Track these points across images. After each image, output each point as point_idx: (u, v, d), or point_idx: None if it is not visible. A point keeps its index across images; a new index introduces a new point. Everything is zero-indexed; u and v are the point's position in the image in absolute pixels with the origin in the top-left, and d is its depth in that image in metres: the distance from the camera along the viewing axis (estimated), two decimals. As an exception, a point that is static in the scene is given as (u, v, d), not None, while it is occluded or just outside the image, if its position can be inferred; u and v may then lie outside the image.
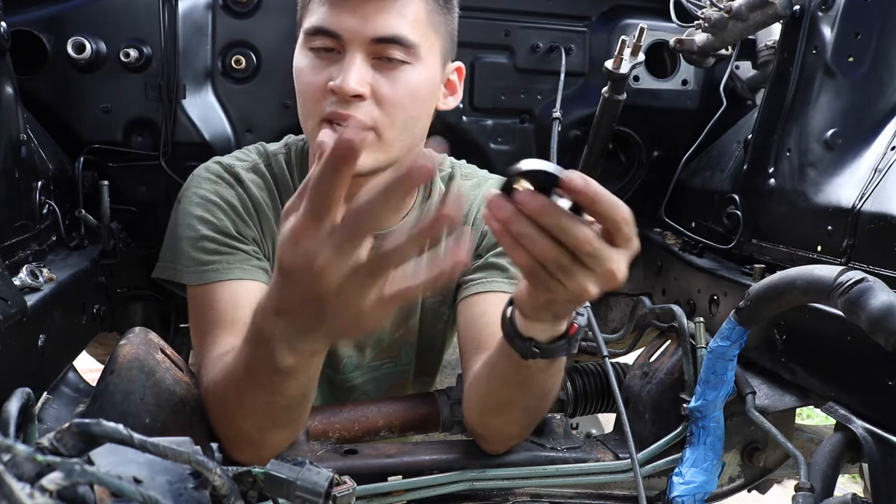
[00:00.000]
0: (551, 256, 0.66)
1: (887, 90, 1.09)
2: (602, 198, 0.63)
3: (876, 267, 0.92)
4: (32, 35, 1.28)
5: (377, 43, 0.97)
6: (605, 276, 0.68)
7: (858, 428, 0.87)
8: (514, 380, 0.90)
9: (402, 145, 1.04)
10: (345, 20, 0.96)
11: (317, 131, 1.00)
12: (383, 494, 1.00)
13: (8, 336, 0.75)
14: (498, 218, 0.65)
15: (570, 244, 0.65)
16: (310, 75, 1.00)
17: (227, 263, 1.03)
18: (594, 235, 0.65)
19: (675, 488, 1.05)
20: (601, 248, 0.66)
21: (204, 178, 1.10)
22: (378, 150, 1.00)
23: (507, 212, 0.65)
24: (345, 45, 0.97)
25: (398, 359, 1.27)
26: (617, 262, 0.67)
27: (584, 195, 0.63)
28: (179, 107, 1.36)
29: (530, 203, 0.64)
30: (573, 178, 0.62)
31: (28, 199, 1.02)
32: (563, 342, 0.81)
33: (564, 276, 0.67)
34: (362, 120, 0.97)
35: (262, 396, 0.78)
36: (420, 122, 1.05)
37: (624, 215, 0.65)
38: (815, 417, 3.00)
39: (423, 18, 1.00)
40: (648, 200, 1.61)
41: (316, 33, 0.99)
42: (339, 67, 0.97)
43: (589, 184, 0.62)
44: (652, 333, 1.29)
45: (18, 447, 0.42)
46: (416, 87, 1.01)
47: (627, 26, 1.51)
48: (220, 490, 0.53)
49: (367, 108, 0.98)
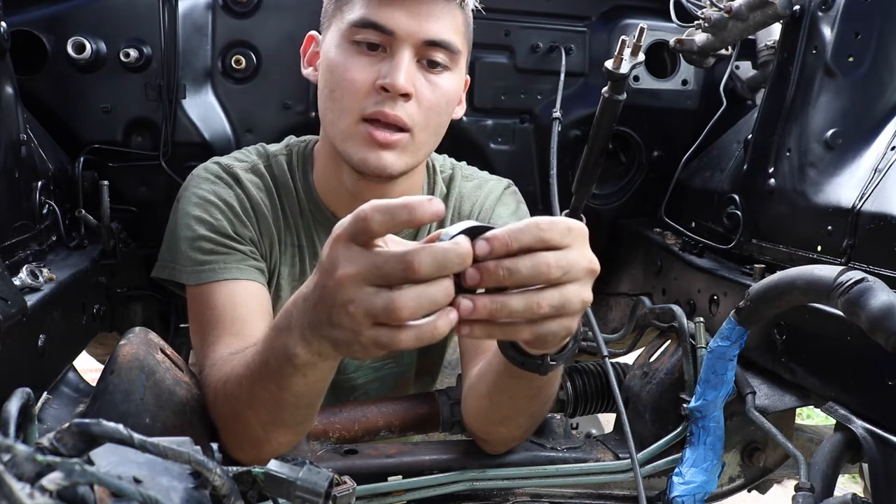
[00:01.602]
0: (545, 307, 0.63)
1: (887, 90, 1.08)
2: (514, 237, 0.61)
3: (876, 267, 0.92)
4: (32, 35, 1.28)
5: (427, 45, 0.98)
6: (587, 275, 0.66)
7: (858, 428, 0.87)
8: (523, 394, 0.91)
9: (427, 149, 1.06)
10: (399, 18, 0.97)
11: (353, 129, 1.00)
12: (383, 494, 1.00)
13: (8, 336, 0.75)
14: (482, 317, 0.62)
15: (543, 280, 0.63)
16: (354, 71, 0.99)
17: (223, 263, 1.03)
18: (554, 257, 0.63)
19: (675, 488, 1.05)
20: (564, 258, 0.64)
21: (202, 178, 1.10)
22: (409, 152, 1.02)
23: (487, 304, 0.62)
24: (394, 43, 0.98)
25: (400, 359, 1.27)
26: (582, 256, 0.65)
27: (495, 253, 0.61)
28: (179, 107, 1.36)
29: (490, 274, 0.61)
30: (477, 246, 0.61)
31: (28, 199, 1.02)
32: (572, 343, 0.81)
33: (566, 308, 0.65)
34: (404, 119, 0.98)
35: (271, 389, 0.78)
36: (444, 128, 1.07)
37: (539, 230, 0.62)
38: (815, 417, 3.00)
39: (462, 29, 1.03)
40: (648, 200, 1.61)
41: (365, 26, 0.98)
42: (386, 66, 0.98)
43: (494, 241, 0.61)
44: (652, 333, 1.29)
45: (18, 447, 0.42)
46: (451, 94, 1.04)
47: (627, 26, 1.51)
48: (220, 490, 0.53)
49: (411, 108, 0.99)
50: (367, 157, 1.00)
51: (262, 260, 1.10)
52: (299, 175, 1.15)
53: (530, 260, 0.62)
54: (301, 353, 0.71)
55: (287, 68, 1.39)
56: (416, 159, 1.04)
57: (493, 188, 1.23)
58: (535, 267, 0.62)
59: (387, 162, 1.01)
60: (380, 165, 1.01)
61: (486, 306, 0.62)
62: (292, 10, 1.39)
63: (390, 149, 1.00)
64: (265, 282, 1.08)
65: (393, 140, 1.00)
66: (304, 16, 1.33)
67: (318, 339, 0.68)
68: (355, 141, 1.01)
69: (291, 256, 1.14)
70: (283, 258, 1.13)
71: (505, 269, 0.61)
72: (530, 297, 0.63)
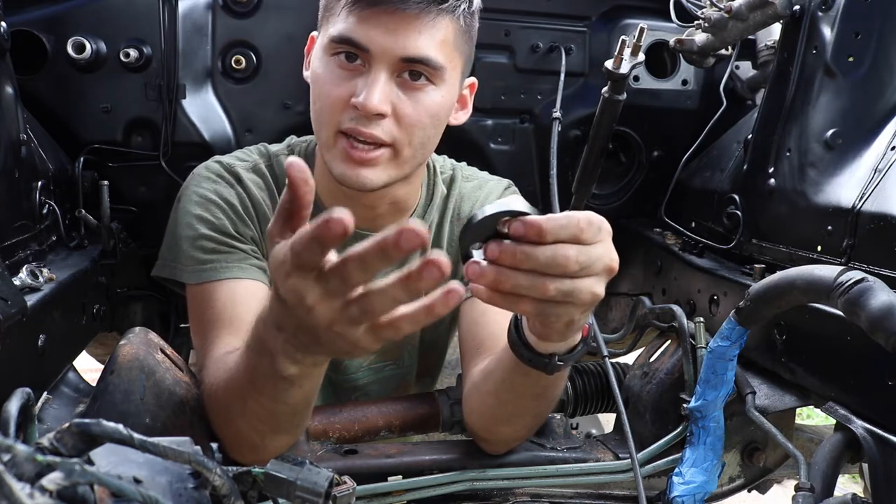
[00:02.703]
0: (552, 290, 0.65)
1: (887, 90, 1.08)
2: (549, 227, 0.63)
3: (876, 267, 0.92)
4: (32, 35, 1.28)
5: (405, 62, 0.96)
6: (604, 272, 0.68)
7: (858, 428, 0.87)
8: (528, 392, 0.90)
9: (415, 162, 1.04)
10: (375, 35, 0.94)
11: (332, 141, 0.99)
12: (383, 494, 1.00)
13: (8, 336, 0.75)
14: (486, 283, 0.64)
15: (559, 272, 0.64)
16: (330, 85, 0.98)
17: (225, 262, 1.03)
18: (576, 252, 0.65)
19: (675, 488, 1.05)
20: (586, 254, 0.65)
21: (204, 177, 1.10)
22: (392, 166, 1.01)
23: (492, 273, 0.64)
24: (371, 60, 0.96)
25: (400, 360, 1.27)
26: (605, 253, 0.67)
27: (530, 236, 0.63)
28: (179, 107, 1.36)
29: (508, 255, 0.63)
30: (515, 227, 0.62)
31: (28, 199, 1.02)
32: (581, 345, 0.81)
33: (574, 297, 0.66)
34: (381, 137, 0.97)
35: (265, 403, 0.78)
36: (433, 140, 1.05)
37: (573, 224, 0.64)
38: (815, 417, 3.00)
39: (451, 41, 0.99)
40: (648, 200, 1.61)
41: (342, 42, 0.96)
42: (363, 81, 0.96)
43: (529, 226, 0.62)
44: (652, 333, 1.29)
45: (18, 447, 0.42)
46: (437, 109, 1.00)
47: (627, 26, 1.51)
48: (220, 490, 0.53)
49: (387, 125, 0.97)
50: (346, 172, 0.99)
51: (264, 259, 1.10)
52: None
53: (551, 250, 0.64)
54: (294, 370, 0.71)
55: (287, 68, 1.39)
56: (401, 172, 1.02)
57: (494, 189, 1.23)
58: (553, 258, 0.64)
59: (366, 179, 0.99)
60: (358, 182, 0.99)
61: (492, 274, 0.64)
62: (292, 10, 1.39)
63: (369, 165, 0.98)
64: (267, 281, 1.08)
65: (370, 157, 0.98)
66: (304, 16, 1.33)
67: (311, 356, 0.68)
68: (335, 155, 1.00)
69: (292, 256, 1.14)
70: (284, 258, 1.13)
71: (523, 253, 0.63)
72: (538, 279, 0.65)
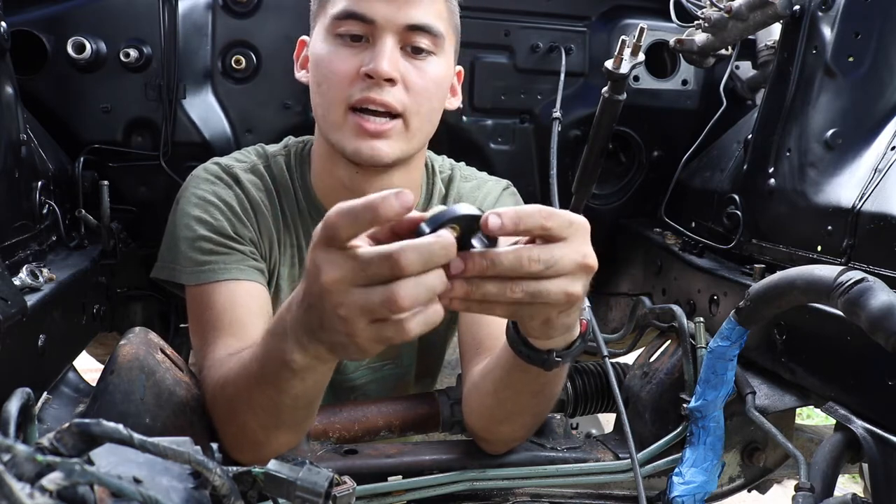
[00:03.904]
0: (519, 293, 0.65)
1: (887, 90, 1.08)
2: (521, 219, 0.63)
3: (876, 267, 0.92)
4: (32, 35, 1.28)
5: (409, 31, 1.00)
6: (578, 271, 0.67)
7: (858, 428, 0.87)
8: (528, 390, 0.90)
9: (422, 136, 1.06)
10: (378, 6, 0.98)
11: (342, 119, 1.01)
12: (383, 494, 1.00)
13: (8, 336, 0.75)
14: (456, 297, 0.64)
15: (524, 274, 0.64)
16: (338, 62, 1.01)
17: (223, 264, 1.03)
18: (537, 252, 0.64)
19: (675, 488, 1.05)
20: (549, 252, 0.65)
21: (202, 178, 1.10)
22: (403, 139, 1.03)
23: (460, 287, 0.64)
24: (376, 32, 0.99)
25: (399, 360, 1.27)
26: (574, 251, 0.66)
27: (504, 230, 0.62)
28: (179, 107, 1.36)
29: (473, 266, 0.63)
30: (488, 220, 0.62)
31: (28, 199, 1.02)
32: (580, 341, 0.81)
33: (544, 297, 0.66)
34: (392, 104, 0.99)
35: (270, 393, 0.78)
36: (437, 115, 1.08)
37: (542, 218, 0.64)
38: (815, 417, 3.00)
39: (446, 16, 1.04)
40: (648, 200, 1.61)
41: (346, 17, 0.99)
42: (369, 54, 0.99)
43: (503, 218, 0.62)
44: (652, 333, 1.29)
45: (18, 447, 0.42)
46: (440, 79, 1.05)
47: (627, 26, 1.51)
48: (220, 490, 0.53)
49: (398, 93, 1.00)
50: (360, 146, 1.01)
51: (262, 260, 1.10)
52: (297, 175, 1.15)
53: (513, 254, 0.64)
54: (298, 358, 0.71)
55: (287, 68, 1.38)
56: (410, 146, 1.04)
57: (492, 189, 1.23)
58: (517, 260, 0.64)
59: (380, 151, 1.01)
60: (373, 155, 1.01)
61: (463, 287, 0.64)
62: (292, 10, 1.39)
63: (383, 137, 1.01)
64: (265, 282, 1.08)
65: (385, 129, 1.00)
66: (304, 16, 1.32)
67: (314, 344, 0.68)
68: (346, 132, 1.01)
69: (291, 257, 1.14)
70: (283, 258, 1.13)
71: (488, 260, 0.63)
72: (505, 284, 0.64)
